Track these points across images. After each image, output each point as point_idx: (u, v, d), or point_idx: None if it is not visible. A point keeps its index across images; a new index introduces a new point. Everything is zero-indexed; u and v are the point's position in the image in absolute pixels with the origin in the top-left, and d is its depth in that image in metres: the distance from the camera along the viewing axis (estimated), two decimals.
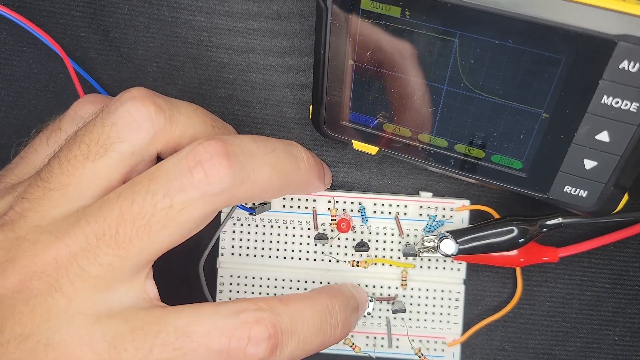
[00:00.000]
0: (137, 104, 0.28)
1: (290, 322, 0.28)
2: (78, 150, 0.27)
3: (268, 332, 0.27)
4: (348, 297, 0.34)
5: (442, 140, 0.32)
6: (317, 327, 0.30)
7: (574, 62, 0.26)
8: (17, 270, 0.26)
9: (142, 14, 0.38)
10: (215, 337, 0.26)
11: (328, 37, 0.31)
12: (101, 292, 0.26)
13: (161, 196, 0.26)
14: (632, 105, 0.26)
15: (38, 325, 0.25)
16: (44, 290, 0.25)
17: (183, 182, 0.26)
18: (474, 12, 0.26)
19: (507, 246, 0.34)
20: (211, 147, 0.27)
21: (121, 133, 0.28)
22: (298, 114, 0.39)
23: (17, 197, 0.28)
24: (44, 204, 0.27)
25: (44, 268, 0.26)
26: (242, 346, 0.26)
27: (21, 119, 0.40)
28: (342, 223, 0.37)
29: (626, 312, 0.38)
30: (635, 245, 0.37)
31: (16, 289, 0.25)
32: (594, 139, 0.27)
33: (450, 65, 0.29)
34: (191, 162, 0.27)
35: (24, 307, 0.25)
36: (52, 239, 0.26)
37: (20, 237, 0.26)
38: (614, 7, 0.24)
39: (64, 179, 0.27)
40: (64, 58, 0.36)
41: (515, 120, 0.29)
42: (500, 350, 0.40)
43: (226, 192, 0.27)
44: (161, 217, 0.26)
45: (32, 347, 0.25)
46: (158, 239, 0.27)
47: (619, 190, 0.29)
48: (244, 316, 0.27)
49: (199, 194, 0.27)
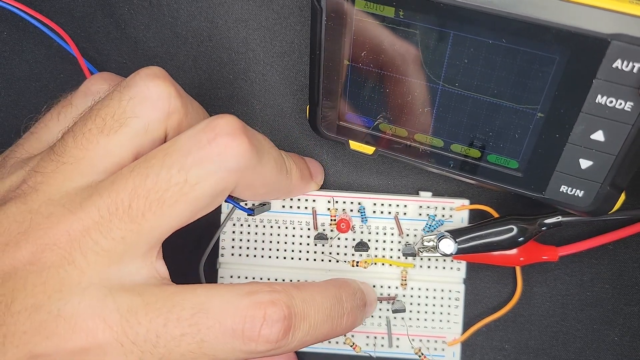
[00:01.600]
0: (159, 81, 0.28)
1: (302, 306, 0.28)
2: (93, 124, 0.27)
3: (283, 313, 0.27)
4: (355, 289, 0.34)
5: (438, 140, 0.32)
6: (327, 314, 0.30)
7: (568, 62, 0.26)
8: (30, 242, 0.25)
9: (142, 14, 0.38)
10: (230, 315, 0.26)
11: (323, 38, 0.31)
12: (114, 266, 0.26)
13: (176, 170, 0.26)
14: (626, 105, 0.26)
15: (50, 297, 0.25)
16: (57, 263, 0.25)
17: (200, 154, 0.26)
18: (467, 12, 0.26)
19: (506, 245, 0.34)
20: (231, 121, 0.27)
21: (137, 108, 0.27)
22: (298, 113, 0.39)
23: (29, 170, 0.28)
24: (57, 177, 0.27)
25: (56, 241, 0.25)
26: (257, 326, 0.26)
27: (21, 119, 0.40)
28: (342, 223, 0.37)
29: (626, 312, 0.38)
30: (635, 245, 0.37)
31: (29, 261, 0.25)
32: (589, 138, 0.27)
33: (444, 65, 0.29)
34: (210, 134, 0.26)
35: (36, 279, 0.25)
36: (65, 212, 0.26)
37: (33, 210, 0.26)
38: (607, 6, 0.24)
39: (77, 152, 0.27)
40: (71, 45, 0.36)
41: (510, 119, 0.29)
42: (500, 350, 0.40)
43: (241, 171, 0.27)
44: (175, 192, 0.26)
45: (43, 318, 0.25)
46: (171, 214, 0.26)
47: (615, 189, 0.29)
48: (259, 296, 0.27)
49: (215, 168, 0.26)
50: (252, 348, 0.26)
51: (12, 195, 0.27)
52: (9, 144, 0.38)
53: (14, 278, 0.25)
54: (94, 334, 0.25)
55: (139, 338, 0.25)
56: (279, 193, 0.35)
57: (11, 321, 0.25)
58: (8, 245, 0.26)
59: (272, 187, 0.32)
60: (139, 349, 0.25)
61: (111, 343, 0.25)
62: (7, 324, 0.25)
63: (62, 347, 0.25)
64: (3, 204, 0.27)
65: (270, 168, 0.30)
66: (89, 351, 0.25)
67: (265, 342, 0.26)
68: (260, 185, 0.30)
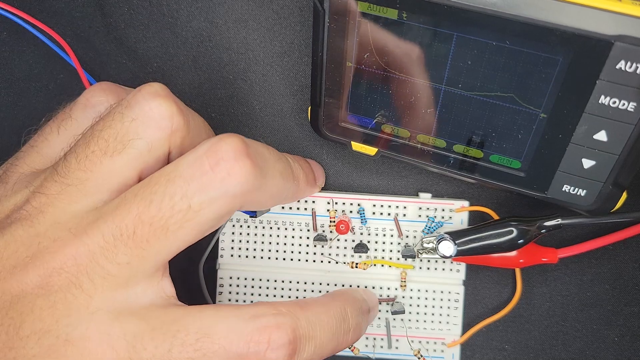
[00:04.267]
0: (160, 101, 0.27)
1: (308, 328, 0.28)
2: (96, 146, 0.27)
3: (288, 338, 0.27)
4: (360, 302, 0.34)
5: (440, 141, 0.32)
6: (332, 333, 0.30)
7: (571, 63, 0.26)
8: (38, 266, 0.25)
9: (142, 14, 0.38)
10: (234, 340, 0.26)
11: (326, 40, 0.31)
12: (120, 290, 0.26)
13: (179, 198, 0.26)
14: (629, 105, 0.26)
15: (58, 321, 0.25)
16: (64, 287, 0.25)
17: (202, 181, 0.26)
18: (470, 14, 0.26)
19: (506, 247, 0.34)
20: (234, 144, 0.26)
21: (140, 129, 0.27)
22: (298, 114, 0.39)
23: (33, 191, 0.28)
24: (62, 199, 0.27)
25: (63, 265, 0.25)
26: (262, 350, 0.26)
27: (21, 119, 0.40)
28: (341, 224, 0.37)
29: (626, 312, 0.38)
30: (635, 246, 0.37)
31: (37, 285, 0.25)
32: (592, 138, 0.27)
33: (448, 66, 0.29)
34: (212, 159, 0.26)
35: (44, 303, 0.25)
36: (70, 237, 0.26)
37: (40, 233, 0.26)
38: (611, 8, 0.24)
39: (81, 174, 0.27)
40: (69, 53, 0.36)
41: (513, 120, 0.29)
42: (500, 350, 0.40)
43: (246, 195, 0.27)
44: (179, 219, 0.26)
45: (52, 343, 0.25)
46: (175, 239, 0.26)
47: (617, 188, 0.29)
48: (264, 320, 0.27)
49: (218, 194, 0.26)
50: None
51: (17, 217, 0.27)
52: (8, 144, 0.38)
53: (22, 301, 0.25)
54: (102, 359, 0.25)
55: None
56: (286, 200, 0.35)
57: (20, 345, 0.25)
58: (16, 268, 0.26)
59: (279, 197, 0.32)
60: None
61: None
62: (16, 348, 0.25)
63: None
64: (9, 225, 0.27)
65: (276, 182, 0.30)
66: None
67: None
68: (268, 199, 0.30)
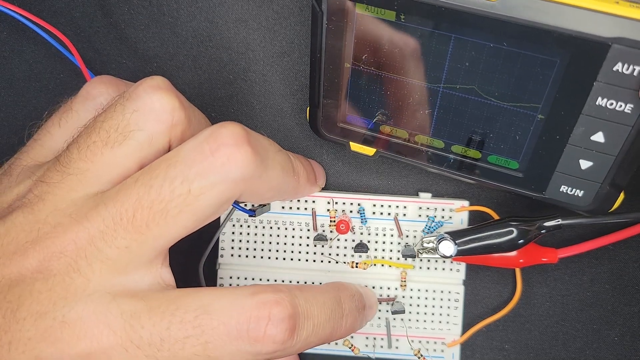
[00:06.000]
0: (162, 94, 0.28)
1: (306, 305, 0.28)
2: (97, 137, 0.27)
3: (288, 312, 0.27)
4: (353, 292, 0.34)
5: (438, 142, 0.32)
6: (329, 315, 0.30)
7: (569, 65, 0.26)
8: (38, 251, 0.26)
9: (142, 14, 0.38)
10: (234, 316, 0.26)
11: (324, 41, 0.31)
12: (118, 274, 0.26)
13: (179, 182, 0.26)
14: (626, 107, 0.26)
15: (55, 303, 0.25)
16: (63, 270, 0.26)
17: (203, 166, 0.26)
18: (468, 16, 0.26)
19: (506, 247, 0.34)
20: (235, 130, 0.27)
21: (141, 121, 0.27)
22: (298, 114, 0.39)
23: (36, 180, 0.28)
24: (63, 187, 0.27)
25: (63, 249, 0.26)
26: (262, 326, 0.26)
27: (21, 119, 0.40)
28: (341, 224, 0.37)
29: (626, 312, 0.38)
30: (635, 246, 0.37)
31: (36, 269, 0.26)
32: (589, 139, 0.28)
33: (445, 68, 0.29)
34: (213, 144, 0.26)
35: (42, 286, 0.25)
36: (71, 222, 0.26)
37: (40, 219, 0.26)
38: (608, 10, 0.24)
39: (82, 164, 0.27)
40: (72, 51, 0.36)
41: (511, 121, 0.29)
42: (500, 350, 0.40)
43: (245, 181, 0.27)
44: (178, 203, 0.26)
45: (48, 325, 0.25)
46: (175, 225, 0.26)
47: (614, 189, 0.29)
48: (263, 297, 0.27)
49: (219, 179, 0.26)
50: (258, 349, 0.26)
51: (18, 204, 0.27)
52: (8, 144, 0.38)
53: (20, 285, 0.25)
54: (99, 339, 0.25)
55: (142, 342, 0.25)
56: (286, 195, 0.35)
57: (16, 327, 0.25)
58: (16, 254, 0.26)
59: (279, 190, 0.32)
60: (143, 353, 0.25)
61: (115, 348, 0.25)
62: (12, 330, 0.25)
63: (67, 353, 0.25)
64: (10, 213, 0.27)
65: (276, 174, 0.30)
66: (94, 356, 0.25)
67: (271, 342, 0.26)
68: (267, 190, 0.30)
